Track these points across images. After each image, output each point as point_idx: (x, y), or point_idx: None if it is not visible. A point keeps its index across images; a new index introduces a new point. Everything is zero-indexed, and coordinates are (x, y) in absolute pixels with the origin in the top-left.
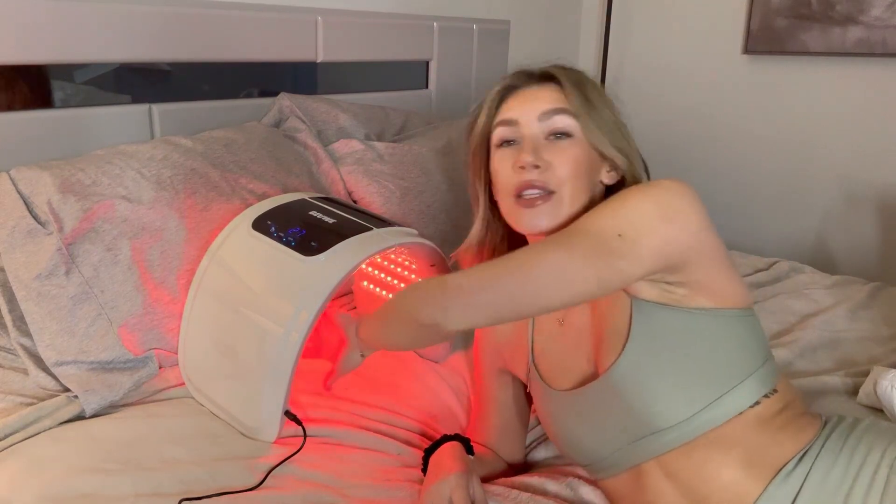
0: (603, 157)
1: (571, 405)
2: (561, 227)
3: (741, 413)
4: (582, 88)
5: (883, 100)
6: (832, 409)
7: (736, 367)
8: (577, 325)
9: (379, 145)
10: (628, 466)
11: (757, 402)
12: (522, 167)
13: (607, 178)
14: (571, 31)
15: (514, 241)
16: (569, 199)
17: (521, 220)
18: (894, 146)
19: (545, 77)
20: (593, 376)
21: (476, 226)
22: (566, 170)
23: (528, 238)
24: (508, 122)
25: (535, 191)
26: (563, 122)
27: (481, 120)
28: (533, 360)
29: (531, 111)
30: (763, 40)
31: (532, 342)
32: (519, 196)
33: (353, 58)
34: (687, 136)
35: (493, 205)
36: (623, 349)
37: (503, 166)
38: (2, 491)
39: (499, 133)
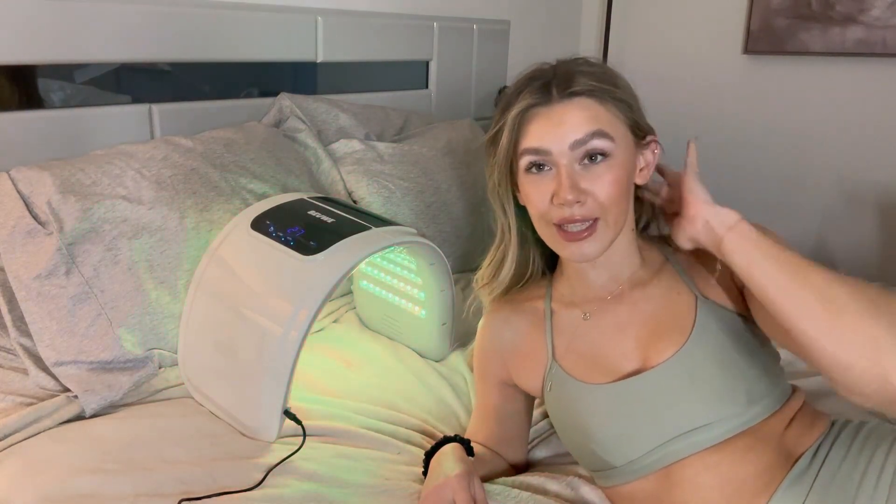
0: (639, 156)
1: (613, 398)
2: (605, 251)
3: (781, 407)
4: (613, 94)
5: (883, 100)
6: (833, 408)
7: (775, 366)
8: (611, 319)
9: (379, 145)
10: (666, 464)
11: (789, 398)
12: (563, 204)
13: (640, 178)
14: (571, 31)
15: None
16: (613, 221)
17: (566, 251)
18: (894, 146)
19: (570, 93)
20: (639, 369)
21: (507, 264)
22: (608, 195)
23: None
24: (536, 152)
25: (578, 224)
26: (599, 144)
27: (503, 143)
28: (554, 360)
29: (562, 139)
30: (763, 40)
31: (552, 342)
32: (559, 226)
33: (353, 58)
34: (687, 136)
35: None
36: (685, 343)
37: (537, 195)
38: (2, 491)
39: (526, 160)
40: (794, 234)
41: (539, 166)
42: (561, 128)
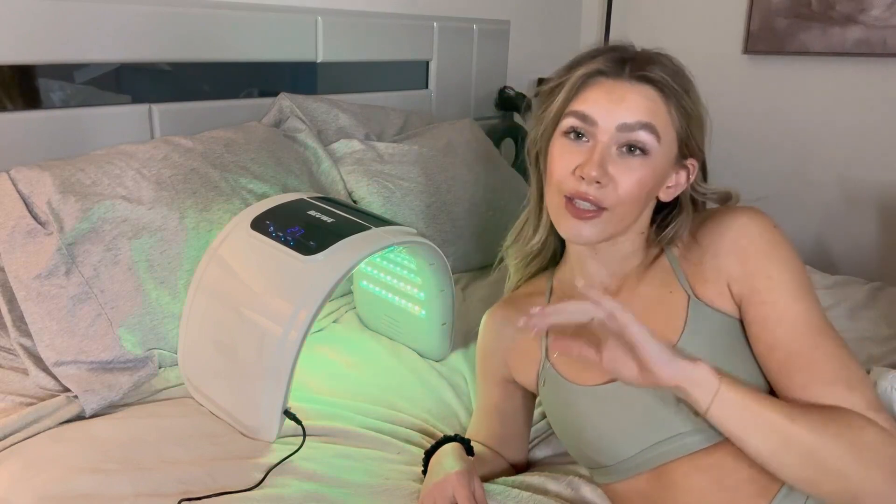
0: (673, 173)
1: (602, 400)
2: (603, 240)
3: None
4: (680, 99)
5: (883, 100)
6: None
7: None
8: None
9: (379, 145)
10: (656, 465)
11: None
12: (583, 177)
13: (665, 194)
14: (571, 31)
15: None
16: (619, 218)
17: (564, 225)
18: (894, 146)
19: (642, 77)
20: None
21: (539, 231)
22: (627, 191)
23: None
24: (584, 118)
25: (587, 204)
26: (643, 138)
27: (559, 99)
28: (547, 358)
29: (613, 116)
30: (763, 40)
31: (546, 340)
32: (569, 199)
33: (353, 58)
34: None
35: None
36: (675, 346)
37: (563, 160)
38: (2, 491)
39: (569, 122)
40: (794, 233)
41: (579, 134)
42: (618, 105)
